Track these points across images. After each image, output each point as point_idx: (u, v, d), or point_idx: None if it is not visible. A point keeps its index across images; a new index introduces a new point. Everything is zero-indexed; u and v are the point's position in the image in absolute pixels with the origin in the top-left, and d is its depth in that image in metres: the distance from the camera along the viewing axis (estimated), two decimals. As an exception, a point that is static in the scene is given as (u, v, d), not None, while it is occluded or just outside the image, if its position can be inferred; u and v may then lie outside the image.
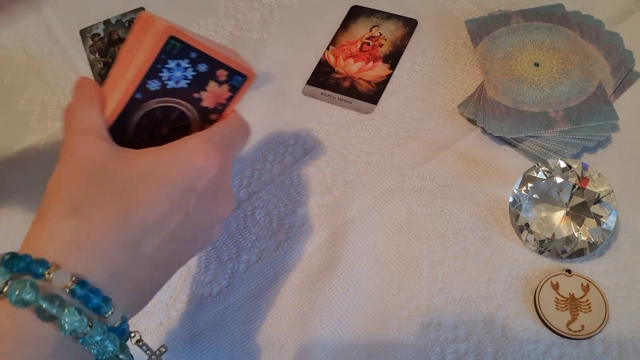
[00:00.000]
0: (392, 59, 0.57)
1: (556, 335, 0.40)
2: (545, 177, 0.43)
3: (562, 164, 0.43)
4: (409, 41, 0.58)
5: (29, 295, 0.24)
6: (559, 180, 0.43)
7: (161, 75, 0.33)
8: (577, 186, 0.43)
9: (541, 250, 0.43)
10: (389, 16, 0.60)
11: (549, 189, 0.43)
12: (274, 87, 0.56)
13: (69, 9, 0.66)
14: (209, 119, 0.37)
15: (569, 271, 0.42)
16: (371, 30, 0.59)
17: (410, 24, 0.59)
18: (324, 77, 0.56)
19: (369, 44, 0.58)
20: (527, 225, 0.43)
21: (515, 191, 0.44)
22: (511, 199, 0.44)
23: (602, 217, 0.42)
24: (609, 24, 0.54)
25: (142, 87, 0.33)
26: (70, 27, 0.64)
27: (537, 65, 0.51)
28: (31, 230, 0.27)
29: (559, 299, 0.40)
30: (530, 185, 0.43)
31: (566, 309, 0.40)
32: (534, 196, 0.43)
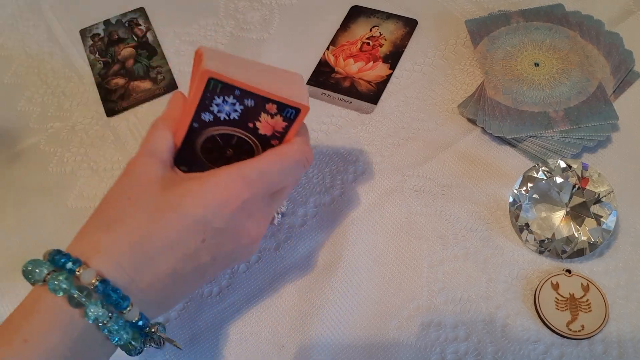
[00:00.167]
0: (392, 59, 0.57)
1: (556, 335, 0.40)
2: (545, 177, 0.43)
3: (562, 164, 0.43)
4: (409, 41, 0.58)
5: (64, 284, 0.29)
6: (559, 180, 0.43)
7: (211, 109, 0.35)
8: (577, 186, 0.43)
9: (541, 250, 0.43)
10: (389, 16, 0.60)
11: (549, 189, 0.43)
12: (274, 87, 0.56)
13: (69, 9, 0.66)
14: (270, 144, 0.37)
15: (569, 271, 0.42)
16: (371, 30, 0.59)
17: (410, 24, 0.59)
18: (324, 77, 0.56)
19: (369, 44, 0.58)
20: (527, 225, 0.43)
21: (515, 191, 0.44)
22: (511, 199, 0.44)
23: (602, 217, 0.42)
24: (609, 24, 0.54)
25: (197, 119, 0.35)
26: (70, 27, 0.64)
27: (537, 65, 0.51)
28: (77, 234, 0.33)
29: (559, 299, 0.40)
30: (530, 185, 0.43)
31: (566, 309, 0.40)
32: (534, 196, 0.43)
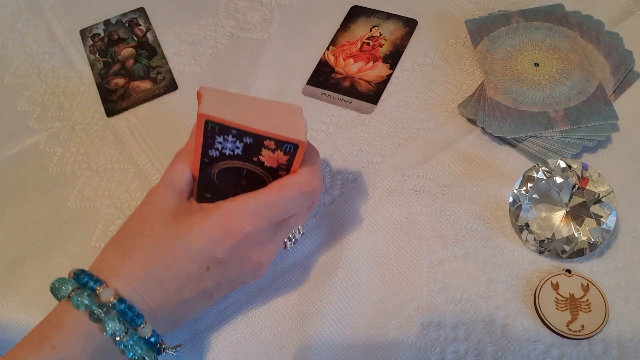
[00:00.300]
0: (392, 59, 0.57)
1: (556, 335, 0.40)
2: (545, 177, 0.43)
3: (562, 164, 0.43)
4: (409, 41, 0.58)
5: (86, 300, 0.33)
6: (559, 180, 0.43)
7: (216, 146, 0.37)
8: (577, 186, 0.43)
9: (541, 250, 0.43)
10: (389, 16, 0.60)
11: (549, 189, 0.43)
12: (274, 87, 0.56)
13: (69, 9, 0.66)
14: (279, 175, 0.38)
15: (569, 271, 0.42)
16: (371, 30, 0.59)
17: (410, 24, 0.59)
18: (324, 77, 0.56)
19: (369, 44, 0.58)
20: (527, 225, 0.43)
21: (515, 191, 0.44)
22: (511, 199, 0.44)
23: (602, 217, 0.42)
24: (609, 24, 0.54)
25: (206, 154, 0.38)
26: (70, 27, 0.64)
27: (537, 65, 0.51)
28: (99, 255, 0.37)
29: (559, 299, 0.40)
30: (530, 185, 0.43)
31: (566, 309, 0.40)
32: (534, 196, 0.43)
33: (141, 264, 0.35)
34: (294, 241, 0.41)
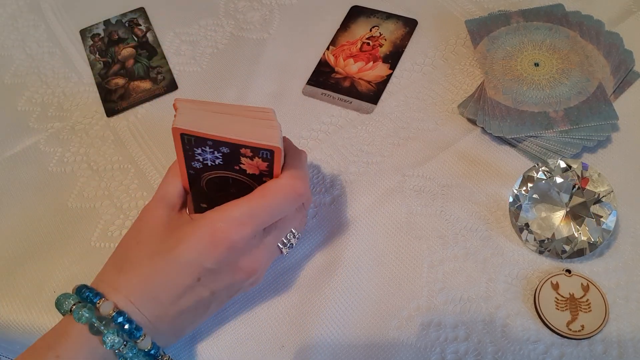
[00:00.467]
0: (392, 59, 0.57)
1: (556, 335, 0.40)
2: (545, 177, 0.43)
3: (562, 164, 0.43)
4: (409, 41, 0.58)
5: (87, 313, 0.34)
6: (559, 180, 0.43)
7: (197, 158, 0.37)
8: (577, 186, 0.43)
9: (541, 250, 0.43)
10: (389, 16, 0.60)
11: (549, 189, 0.43)
12: (274, 87, 0.56)
13: (69, 9, 0.66)
14: (262, 181, 0.38)
15: (569, 271, 0.42)
16: (371, 30, 0.59)
17: (410, 24, 0.59)
18: (324, 77, 0.56)
19: (369, 44, 0.58)
20: (527, 225, 0.43)
21: (515, 191, 0.44)
22: (511, 199, 0.44)
23: (602, 217, 0.42)
24: (609, 24, 0.54)
25: (190, 167, 0.38)
26: (70, 27, 0.64)
27: (537, 65, 0.51)
28: (100, 271, 0.38)
29: (559, 299, 0.40)
30: (530, 185, 0.43)
31: (566, 309, 0.40)
32: (534, 196, 0.43)
33: (136, 278, 0.36)
34: (289, 246, 0.41)
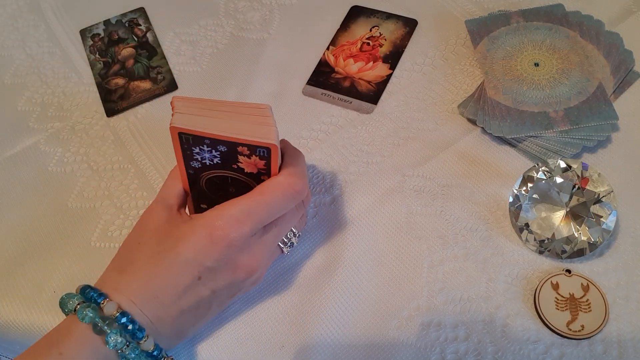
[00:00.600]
0: (392, 59, 0.57)
1: (556, 335, 0.40)
2: (545, 177, 0.43)
3: (562, 164, 0.43)
4: (409, 41, 0.58)
5: (90, 313, 0.34)
6: (559, 180, 0.43)
7: (196, 157, 0.37)
8: (577, 186, 0.43)
9: (541, 250, 0.43)
10: (389, 16, 0.60)
11: (549, 189, 0.43)
12: (274, 87, 0.56)
13: (69, 9, 0.66)
14: (261, 179, 0.39)
15: (569, 271, 0.42)
16: (371, 30, 0.59)
17: (410, 24, 0.59)
18: (324, 77, 0.56)
19: (369, 44, 0.58)
20: (527, 225, 0.43)
21: (515, 191, 0.44)
22: (511, 199, 0.44)
23: (602, 217, 0.42)
24: (609, 24, 0.54)
25: (189, 166, 0.39)
26: (70, 27, 0.64)
27: (537, 65, 0.51)
28: (103, 273, 0.39)
29: (559, 299, 0.40)
30: (530, 185, 0.43)
31: (566, 309, 0.40)
32: (534, 196, 0.43)
33: (137, 279, 0.36)
34: (290, 245, 0.41)
